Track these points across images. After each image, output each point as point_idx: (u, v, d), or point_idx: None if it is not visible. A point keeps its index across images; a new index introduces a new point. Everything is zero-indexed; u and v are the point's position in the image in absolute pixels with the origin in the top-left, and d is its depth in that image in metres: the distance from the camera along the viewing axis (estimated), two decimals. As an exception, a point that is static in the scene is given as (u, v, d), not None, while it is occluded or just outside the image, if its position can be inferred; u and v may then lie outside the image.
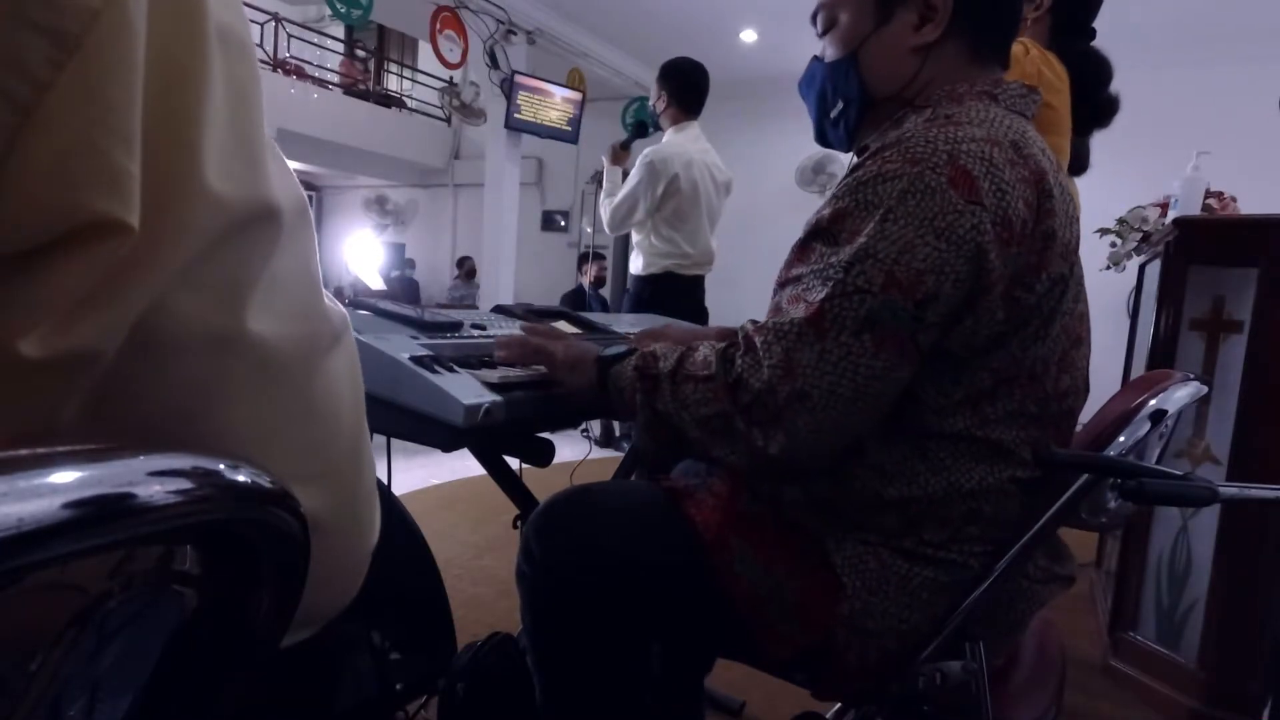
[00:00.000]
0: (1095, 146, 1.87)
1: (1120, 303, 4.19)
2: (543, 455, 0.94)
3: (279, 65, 7.54)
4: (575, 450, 1.98)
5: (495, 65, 5.11)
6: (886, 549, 0.80)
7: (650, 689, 0.88)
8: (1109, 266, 2.85)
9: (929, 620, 0.80)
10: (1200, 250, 1.72)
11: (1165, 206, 2.44)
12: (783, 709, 1.52)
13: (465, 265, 7.92)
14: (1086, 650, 1.99)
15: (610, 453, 4.19)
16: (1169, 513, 1.77)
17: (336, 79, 8.55)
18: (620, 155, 3.16)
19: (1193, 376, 0.98)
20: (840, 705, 0.89)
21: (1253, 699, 1.57)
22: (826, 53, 0.93)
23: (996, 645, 0.87)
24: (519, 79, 5.12)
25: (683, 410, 0.79)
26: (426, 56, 7.67)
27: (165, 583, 0.34)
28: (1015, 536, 0.80)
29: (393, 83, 9.70)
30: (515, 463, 1.17)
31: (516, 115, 5.19)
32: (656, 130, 3.08)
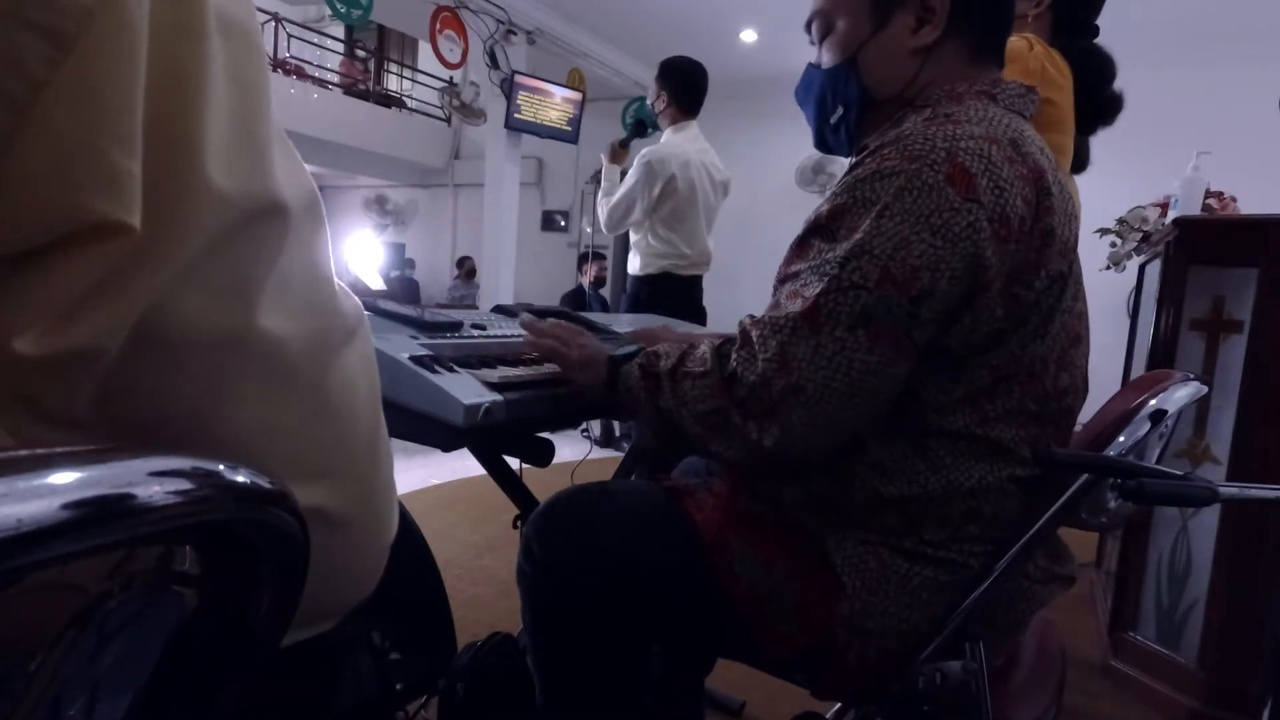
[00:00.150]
0: (1095, 146, 1.87)
1: (1120, 303, 4.20)
2: (543, 455, 0.94)
3: (279, 65, 7.54)
4: (575, 450, 1.98)
5: (495, 65, 5.11)
6: (886, 548, 0.80)
7: (650, 689, 0.88)
8: (1109, 266, 2.85)
9: (929, 620, 0.80)
10: (1200, 250, 1.72)
11: (1165, 206, 2.44)
12: (783, 709, 1.52)
13: (465, 265, 7.93)
14: (1086, 650, 1.99)
15: (610, 453, 4.19)
16: (1169, 513, 1.77)
17: (336, 79, 8.55)
18: (619, 154, 3.15)
19: (1193, 376, 0.97)
20: (840, 705, 0.89)
21: (1253, 699, 1.57)
22: (823, 59, 0.93)
23: (996, 645, 0.87)
24: (519, 79, 5.12)
25: (682, 407, 0.80)
26: (426, 56, 7.67)
27: (165, 583, 0.34)
28: (1015, 536, 0.80)
29: (393, 83, 9.70)
30: (515, 463, 1.17)
31: (516, 115, 5.19)
32: (655, 130, 3.08)
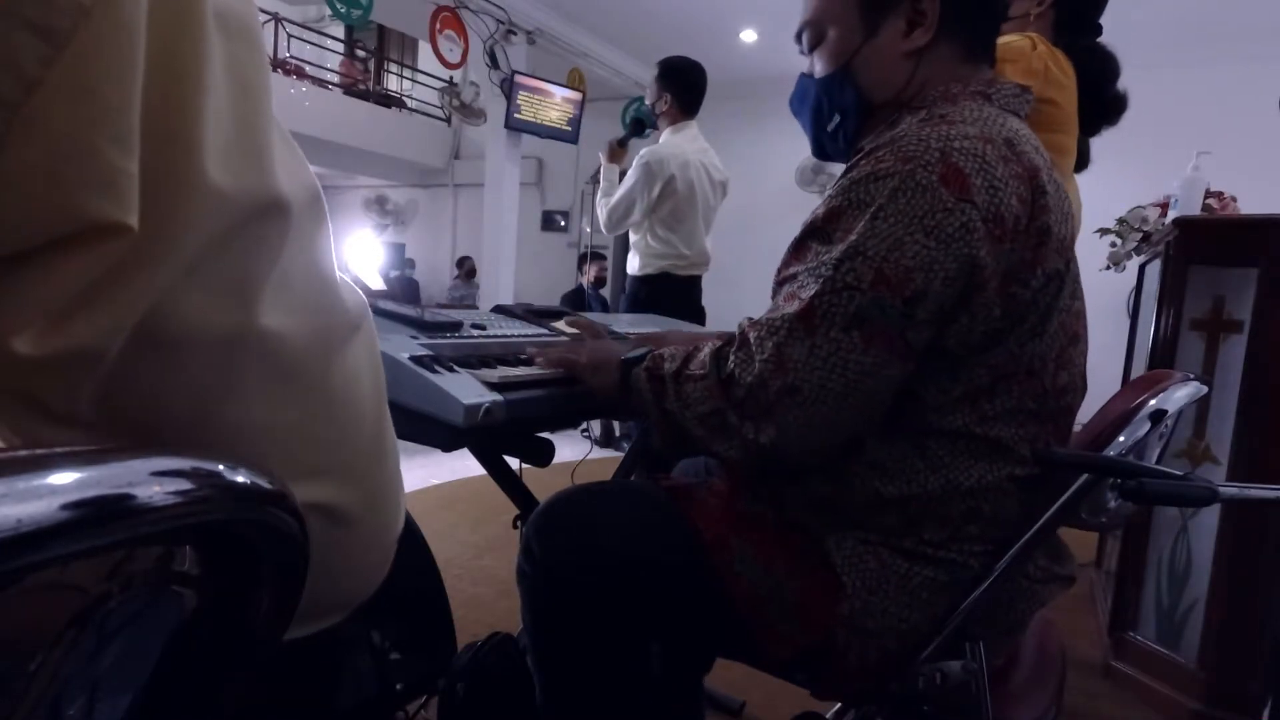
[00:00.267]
0: (1095, 145, 1.86)
1: (1120, 303, 4.20)
2: (543, 455, 0.94)
3: (279, 65, 7.55)
4: (575, 450, 1.98)
5: (495, 65, 5.11)
6: (886, 548, 0.80)
7: (650, 689, 0.88)
8: (1109, 266, 2.84)
9: (929, 620, 0.80)
10: (1200, 250, 1.72)
11: (1165, 206, 2.44)
12: (783, 709, 1.52)
13: (465, 265, 7.93)
14: (1086, 650, 1.99)
15: (610, 453, 4.19)
16: (1169, 513, 1.77)
17: (336, 79, 8.55)
18: (617, 153, 3.15)
19: (1193, 376, 0.97)
20: (840, 705, 0.89)
21: (1253, 699, 1.57)
22: (816, 68, 0.93)
23: (996, 645, 0.87)
24: (519, 79, 5.12)
25: (685, 409, 0.80)
26: (426, 56, 7.67)
27: (165, 583, 0.34)
28: (1015, 536, 0.80)
29: (393, 83, 9.70)
30: (515, 463, 1.17)
31: (516, 115, 5.19)
32: (654, 129, 3.08)
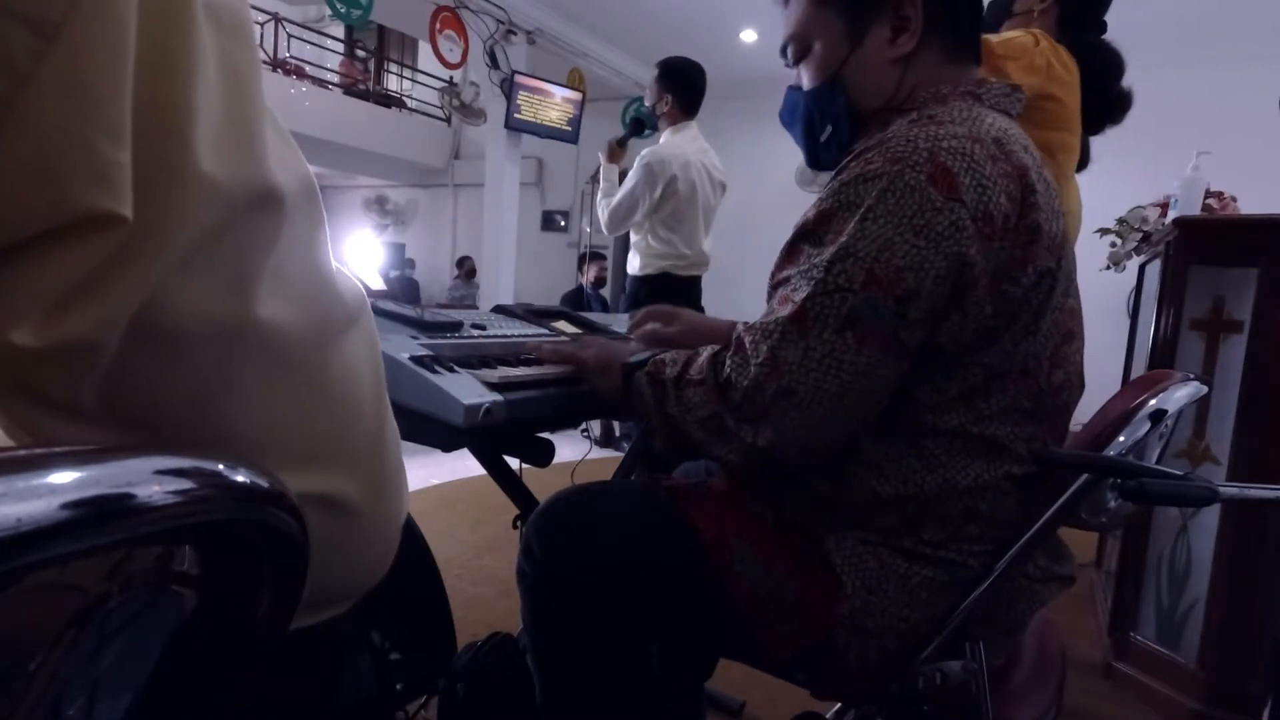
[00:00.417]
0: (1096, 145, 1.86)
1: (1120, 303, 4.20)
2: (543, 455, 0.94)
3: (279, 65, 7.54)
4: (575, 450, 1.98)
5: (495, 65, 5.11)
6: (886, 548, 0.80)
7: (651, 689, 0.88)
8: (1109, 266, 2.84)
9: (929, 620, 0.80)
10: (1200, 250, 1.72)
11: (1165, 206, 2.43)
12: (783, 709, 1.52)
13: (465, 265, 7.92)
14: (1087, 650, 1.99)
15: (610, 453, 4.19)
16: (1169, 513, 1.77)
17: (336, 79, 8.55)
18: (617, 153, 3.15)
19: (1193, 376, 0.97)
20: (840, 705, 0.89)
21: (1253, 699, 1.57)
22: (804, 80, 0.93)
23: (996, 645, 0.87)
24: (519, 79, 5.12)
25: (686, 413, 0.81)
26: (426, 56, 7.67)
27: (165, 583, 0.34)
28: (1014, 535, 0.80)
29: (393, 83, 9.70)
30: (515, 463, 1.17)
31: (516, 115, 5.19)
32: (653, 130, 3.08)
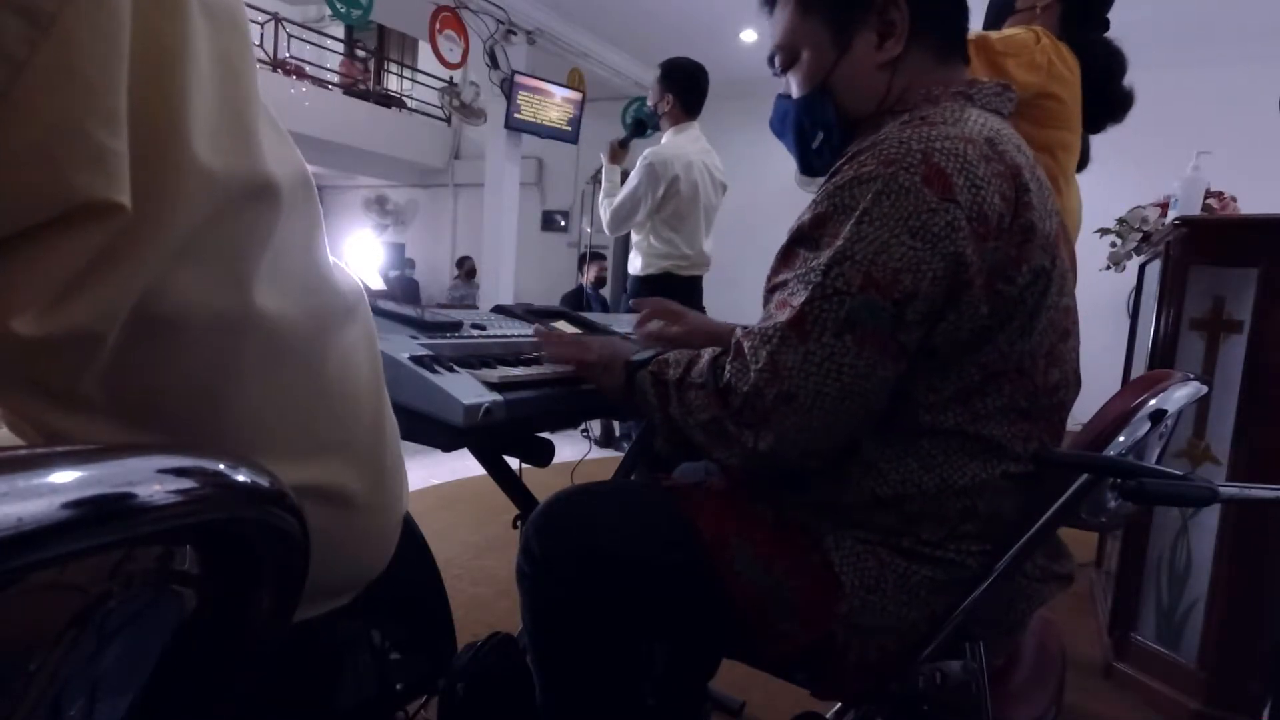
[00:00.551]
0: (1096, 145, 1.86)
1: (1120, 303, 4.19)
2: (543, 455, 0.94)
3: (279, 65, 7.54)
4: (575, 450, 1.98)
5: (495, 65, 5.11)
6: (885, 548, 0.80)
7: (653, 689, 0.88)
8: (1109, 266, 2.84)
9: (928, 619, 0.80)
10: (1200, 250, 1.72)
11: (1165, 206, 2.43)
12: (783, 709, 1.52)
13: (465, 265, 7.92)
14: (1087, 651, 1.98)
15: (610, 453, 4.19)
16: (1169, 513, 1.76)
17: (336, 79, 8.55)
18: (619, 154, 3.15)
19: (1193, 376, 0.97)
20: (840, 705, 0.89)
21: (1253, 699, 1.57)
22: (793, 89, 0.93)
23: (996, 645, 0.87)
24: (519, 79, 5.12)
25: (687, 416, 0.81)
26: (426, 56, 7.66)
27: (165, 583, 0.34)
28: (1012, 534, 0.80)
29: (393, 83, 9.70)
30: (515, 463, 1.17)
31: (516, 115, 5.19)
32: (655, 130, 3.08)
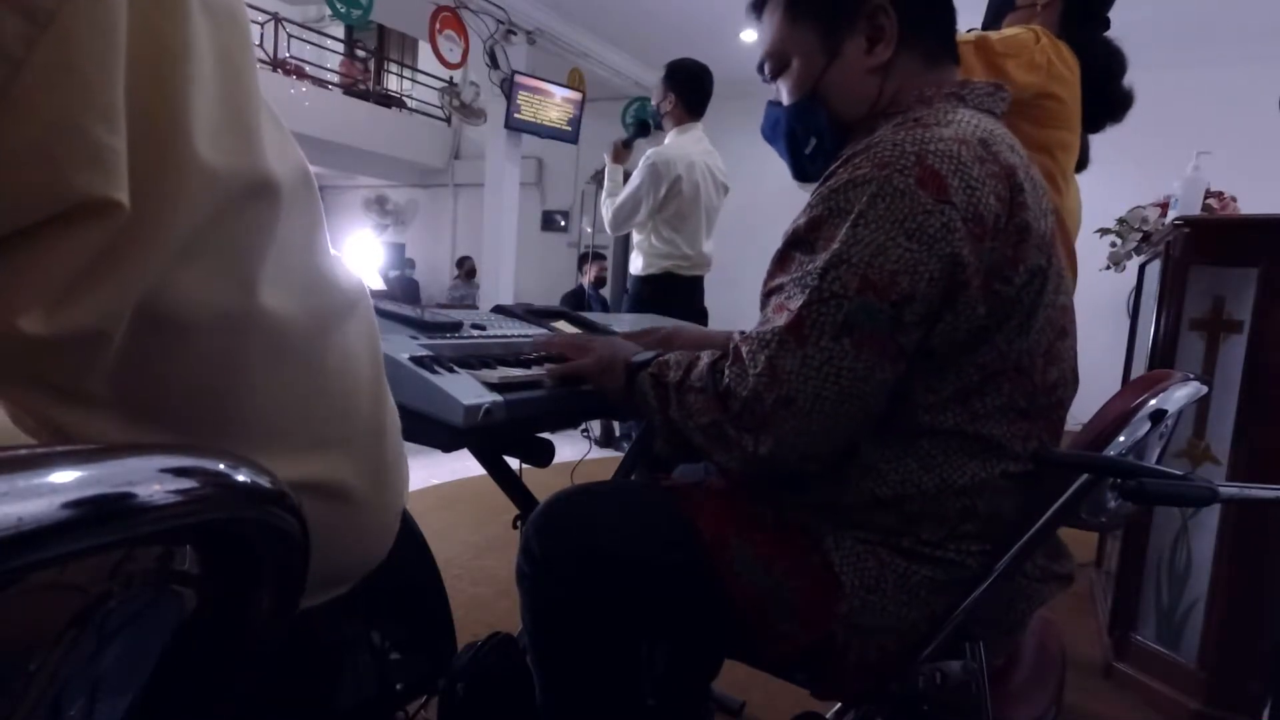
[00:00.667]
0: (1096, 145, 1.86)
1: (1120, 303, 4.19)
2: (543, 455, 0.94)
3: (279, 65, 7.54)
4: (575, 450, 1.98)
5: (495, 65, 5.11)
6: (885, 548, 0.80)
7: (654, 689, 0.88)
8: (1109, 266, 2.84)
9: (928, 619, 0.80)
10: (1200, 250, 1.72)
11: (1165, 206, 2.43)
12: (783, 709, 1.52)
13: (465, 265, 7.92)
14: (1087, 651, 1.98)
15: (610, 453, 4.19)
16: (1169, 513, 1.76)
17: (336, 79, 8.55)
18: (622, 153, 3.16)
19: (1193, 376, 0.97)
20: (840, 705, 0.89)
21: (1253, 699, 1.57)
22: (783, 95, 0.93)
23: (996, 645, 0.87)
24: (519, 79, 5.12)
25: (687, 419, 0.81)
26: (426, 56, 7.66)
27: (165, 582, 0.34)
28: (1012, 534, 0.80)
29: (393, 83, 9.70)
30: (515, 463, 1.17)
31: (516, 115, 5.19)
32: (659, 129, 3.08)
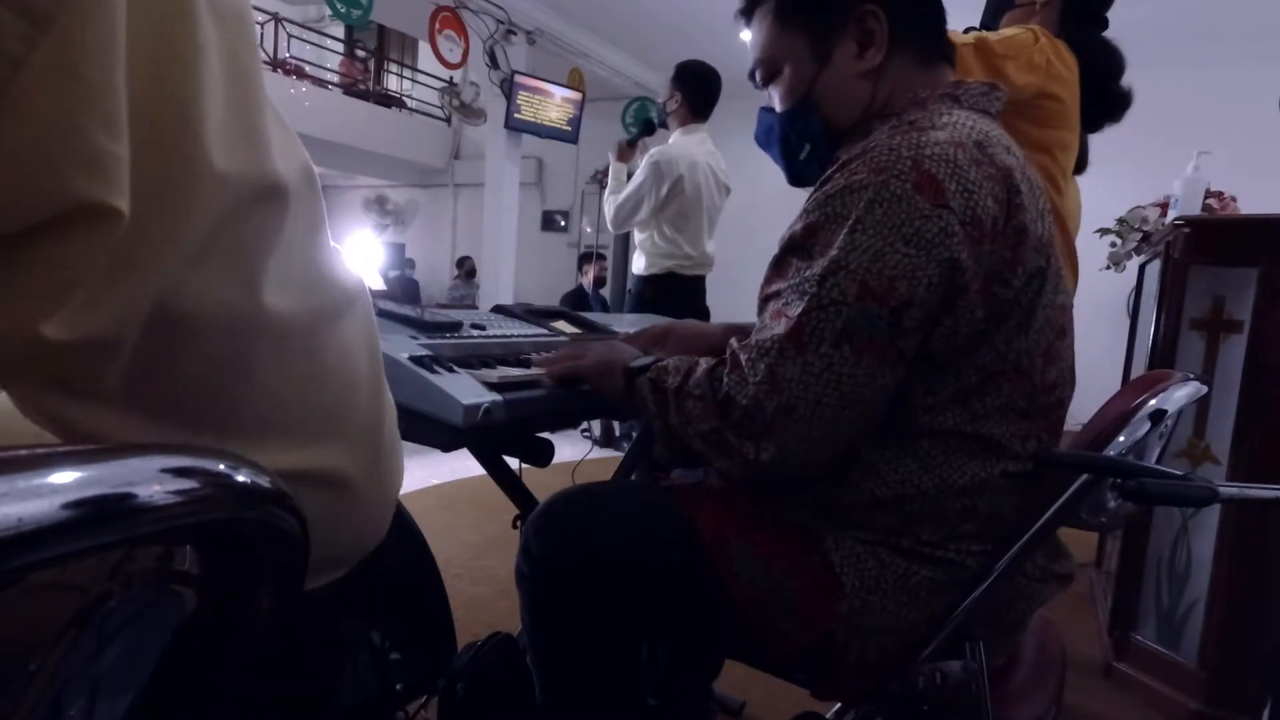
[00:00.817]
0: (1096, 145, 1.86)
1: (1120, 303, 4.19)
2: (543, 455, 0.94)
3: (279, 65, 7.54)
4: (575, 450, 1.98)
5: (495, 65, 5.11)
6: (885, 548, 0.80)
7: (655, 689, 0.88)
8: (1109, 266, 2.84)
9: (928, 619, 0.80)
10: (1200, 250, 1.71)
11: (1165, 206, 2.43)
12: (783, 709, 1.52)
13: (465, 265, 7.92)
14: (1087, 651, 1.98)
15: (610, 453, 4.19)
16: (1169, 513, 1.76)
17: (336, 79, 8.55)
18: (626, 152, 3.17)
19: (1193, 376, 0.97)
20: (840, 705, 0.89)
21: (1253, 699, 1.57)
22: (775, 102, 0.94)
23: (996, 645, 0.87)
24: (519, 79, 5.12)
25: (686, 425, 0.81)
26: (426, 56, 7.65)
27: (165, 583, 0.34)
28: (1012, 534, 0.80)
29: (393, 83, 9.70)
30: (515, 463, 1.17)
31: (516, 115, 5.19)
32: (664, 128, 3.09)
